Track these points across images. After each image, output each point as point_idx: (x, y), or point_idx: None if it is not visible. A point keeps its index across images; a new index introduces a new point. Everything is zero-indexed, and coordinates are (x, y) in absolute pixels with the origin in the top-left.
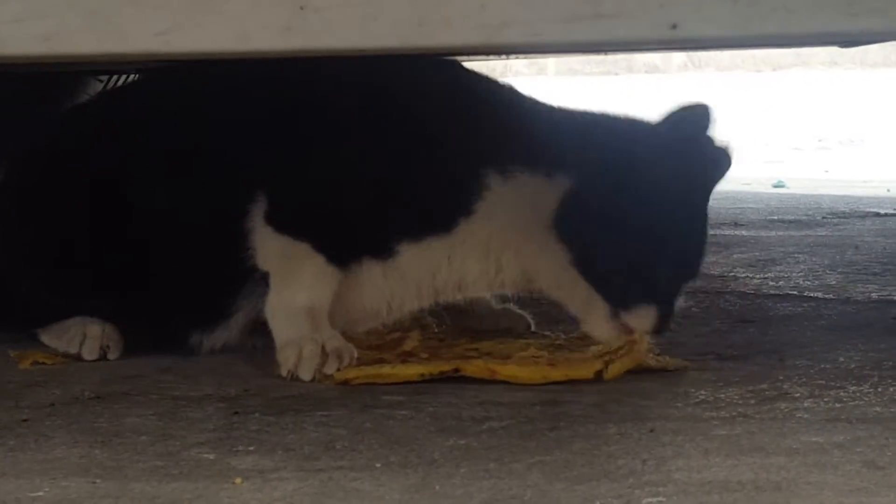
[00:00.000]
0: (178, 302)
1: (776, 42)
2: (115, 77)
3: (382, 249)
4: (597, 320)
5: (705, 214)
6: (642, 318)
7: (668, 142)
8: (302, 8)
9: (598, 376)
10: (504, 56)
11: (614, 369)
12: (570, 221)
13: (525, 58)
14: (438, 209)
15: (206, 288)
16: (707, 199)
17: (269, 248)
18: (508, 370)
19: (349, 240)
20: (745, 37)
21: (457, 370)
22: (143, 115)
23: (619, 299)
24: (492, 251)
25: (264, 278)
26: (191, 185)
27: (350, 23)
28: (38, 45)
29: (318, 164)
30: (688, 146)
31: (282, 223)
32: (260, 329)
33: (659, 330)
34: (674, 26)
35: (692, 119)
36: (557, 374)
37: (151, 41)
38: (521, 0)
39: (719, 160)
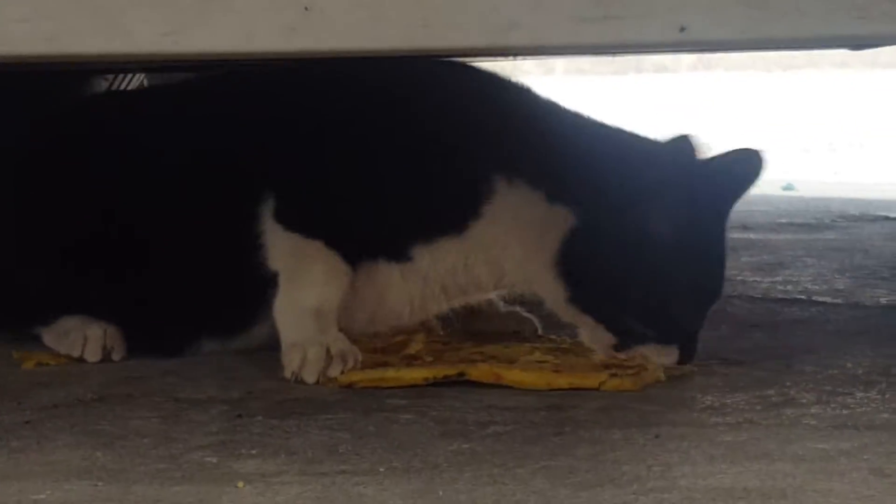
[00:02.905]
0: (195, 309)
1: (786, 45)
2: (121, 76)
3: (395, 250)
4: (599, 344)
5: (722, 237)
6: (664, 356)
7: (680, 176)
8: (307, 9)
9: (599, 387)
10: (512, 56)
11: (613, 384)
12: (574, 265)
13: (534, 58)
14: (448, 211)
15: (226, 296)
16: (726, 218)
17: (280, 246)
18: (513, 375)
19: (361, 239)
20: (755, 40)
21: (461, 374)
22: (147, 117)
23: (634, 340)
24: (495, 255)
25: (274, 278)
26: (201, 187)
27: (355, 24)
28: (44, 44)
29: (327, 162)
30: (701, 170)
31: (291, 221)
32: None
33: (683, 360)
34: (682, 29)
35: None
36: (562, 381)
37: (157, 41)
38: (528, 2)
39: (742, 169)
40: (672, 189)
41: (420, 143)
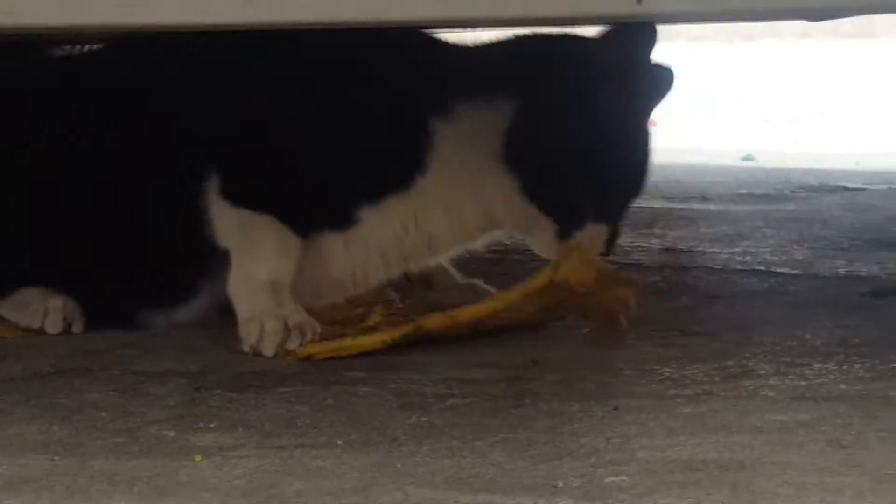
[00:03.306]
0: (138, 280)
1: (743, 16)
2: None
3: (342, 217)
4: (543, 240)
5: (648, 133)
6: (593, 236)
7: (610, 58)
8: None
9: (552, 281)
10: (471, 28)
11: (566, 267)
12: (518, 149)
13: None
14: (392, 169)
15: (167, 268)
16: (648, 118)
17: (228, 223)
18: (467, 312)
19: (308, 209)
20: (712, 11)
21: (418, 329)
22: (91, 88)
23: (568, 220)
24: (451, 199)
25: (225, 255)
26: (143, 162)
27: None
28: (0, 17)
29: (268, 134)
30: (629, 63)
31: (238, 197)
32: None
33: (607, 248)
34: (639, 0)
35: (634, 37)
36: (516, 294)
37: (113, 13)
38: None
39: (660, 79)
40: (603, 76)
41: (353, 104)
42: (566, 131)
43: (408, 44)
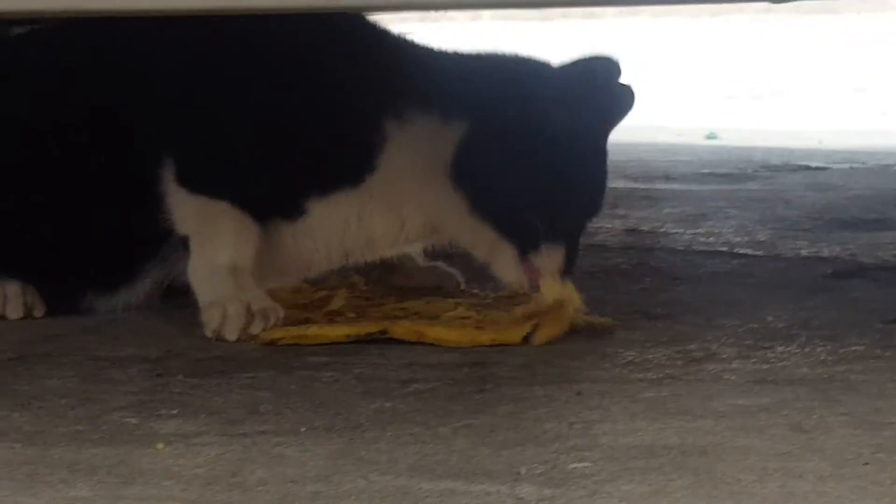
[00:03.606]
0: (80, 263)
1: None
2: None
3: (294, 206)
4: (504, 264)
5: (605, 152)
6: (550, 259)
7: (567, 83)
8: None
9: (526, 341)
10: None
11: (542, 335)
12: (467, 168)
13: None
14: (344, 164)
15: (112, 251)
16: (606, 138)
17: (187, 210)
18: (436, 332)
19: (263, 197)
20: None
21: (384, 332)
22: (44, 72)
23: (524, 242)
24: (395, 204)
25: (184, 242)
26: (93, 147)
27: None
28: None
29: (224, 121)
30: (587, 87)
31: (195, 183)
32: (167, 292)
33: (566, 269)
34: None
35: (594, 65)
36: (485, 338)
37: None
38: None
39: (620, 100)
40: (557, 100)
41: (313, 97)
42: (513, 153)
43: (373, 43)
